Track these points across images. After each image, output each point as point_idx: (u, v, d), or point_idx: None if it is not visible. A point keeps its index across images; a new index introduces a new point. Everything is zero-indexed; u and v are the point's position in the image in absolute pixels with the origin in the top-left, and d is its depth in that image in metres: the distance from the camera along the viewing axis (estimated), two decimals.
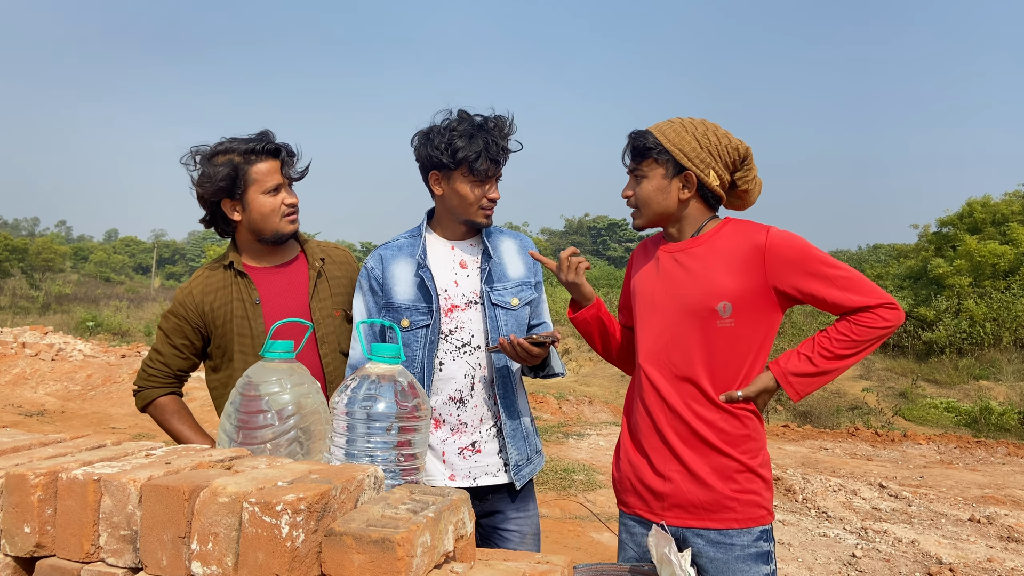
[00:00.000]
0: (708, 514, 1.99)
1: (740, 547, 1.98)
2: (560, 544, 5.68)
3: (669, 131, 2.05)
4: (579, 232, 72.65)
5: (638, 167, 2.09)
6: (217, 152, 2.32)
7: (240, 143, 2.31)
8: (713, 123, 2.07)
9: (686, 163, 2.03)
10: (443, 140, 2.21)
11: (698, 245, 2.08)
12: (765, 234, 2.01)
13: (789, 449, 10.60)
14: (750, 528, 1.99)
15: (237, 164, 2.29)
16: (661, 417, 2.07)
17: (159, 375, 2.42)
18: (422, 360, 2.27)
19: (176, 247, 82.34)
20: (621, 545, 2.19)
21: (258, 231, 2.36)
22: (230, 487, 1.11)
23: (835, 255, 28.58)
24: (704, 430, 2.00)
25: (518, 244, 2.45)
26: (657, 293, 2.11)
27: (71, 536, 1.20)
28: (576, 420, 12.31)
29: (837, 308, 1.98)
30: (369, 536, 1.04)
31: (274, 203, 2.33)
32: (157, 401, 2.42)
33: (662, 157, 2.04)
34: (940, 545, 5.95)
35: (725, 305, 1.98)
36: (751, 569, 1.97)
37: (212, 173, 2.29)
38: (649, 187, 2.07)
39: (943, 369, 21.95)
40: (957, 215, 28.53)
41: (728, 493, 1.98)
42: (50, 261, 44.36)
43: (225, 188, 2.29)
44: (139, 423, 10.53)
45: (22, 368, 14.37)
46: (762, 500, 2.01)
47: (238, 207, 2.34)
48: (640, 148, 2.07)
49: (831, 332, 2.00)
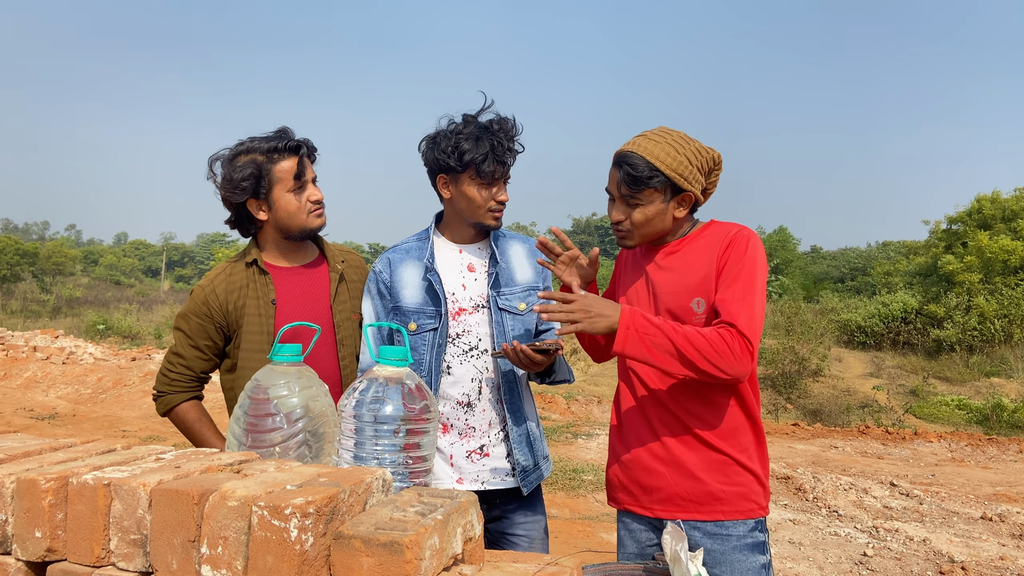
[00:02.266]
0: (697, 506, 2.01)
1: (736, 537, 1.99)
2: (570, 544, 5.68)
3: (662, 154, 1.98)
4: (586, 232, 72.65)
5: (633, 195, 2.02)
6: (239, 153, 2.31)
7: (261, 142, 2.31)
8: (686, 134, 2.06)
9: (685, 185, 2.00)
10: (449, 143, 2.22)
11: (681, 246, 2.10)
12: (739, 229, 2.04)
13: (799, 448, 10.57)
14: (745, 519, 2.00)
15: (260, 163, 2.28)
16: (649, 412, 2.08)
17: (181, 379, 2.38)
18: (429, 363, 2.27)
19: (185, 250, 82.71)
20: (620, 541, 2.20)
21: (285, 229, 2.35)
22: (239, 491, 1.11)
23: (844, 253, 28.60)
24: (692, 423, 2.02)
25: (526, 249, 2.45)
26: (641, 293, 2.14)
27: (82, 540, 1.21)
28: (585, 420, 12.31)
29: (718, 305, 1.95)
30: (378, 539, 1.04)
31: (301, 200, 2.33)
32: (179, 407, 2.38)
33: (660, 184, 2.00)
34: (952, 543, 5.92)
35: (699, 301, 2.00)
36: (747, 559, 1.98)
37: (235, 175, 2.27)
38: (649, 212, 2.03)
39: (954, 366, 21.83)
40: (966, 211, 28.39)
41: (716, 486, 1.99)
42: (60, 265, 44.63)
43: (249, 188, 2.28)
44: (149, 426, 10.59)
45: (33, 372, 14.46)
46: (751, 493, 2.01)
47: (264, 206, 2.33)
48: (635, 179, 1.99)
49: (702, 329, 1.91)
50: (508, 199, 2.31)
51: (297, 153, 2.32)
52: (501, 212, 2.31)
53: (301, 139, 2.36)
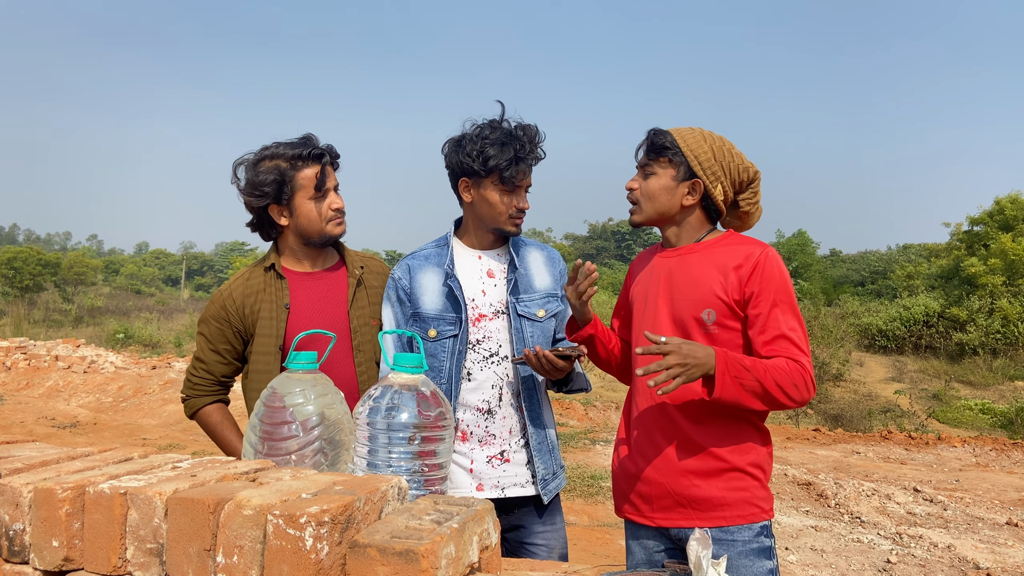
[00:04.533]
0: (699, 514, 1.99)
1: (742, 543, 1.97)
2: (588, 552, 5.64)
3: (688, 136, 2.08)
4: (603, 237, 72.48)
5: (650, 163, 2.10)
6: (263, 157, 2.32)
7: (286, 148, 2.32)
8: (730, 141, 2.11)
9: (698, 170, 2.06)
10: (475, 148, 2.22)
11: (695, 252, 2.09)
12: (762, 249, 2.02)
13: (820, 453, 10.46)
14: (750, 524, 1.98)
15: (284, 170, 2.29)
16: (652, 423, 2.07)
17: (204, 383, 2.42)
18: (449, 370, 2.26)
19: (204, 259, 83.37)
20: (628, 549, 2.18)
21: (305, 235, 2.37)
22: (254, 499, 1.11)
23: (864, 256, 28.45)
24: (694, 432, 2.00)
25: (545, 256, 2.45)
26: (650, 299, 2.13)
27: (99, 550, 1.21)
28: (603, 426, 12.25)
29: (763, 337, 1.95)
30: (393, 548, 1.03)
31: (322, 208, 2.34)
32: (203, 410, 2.42)
33: (676, 159, 2.07)
34: (977, 549, 5.83)
35: (709, 312, 1.99)
36: (754, 564, 1.96)
37: (259, 180, 2.29)
38: (656, 184, 2.09)
39: (977, 370, 21.57)
40: (988, 213, 28.06)
41: (719, 492, 1.98)
42: (82, 275, 45.08)
43: (272, 194, 2.30)
44: (169, 434, 10.65)
45: (55, 381, 14.59)
46: (753, 498, 2.00)
47: (285, 212, 2.35)
48: (657, 145, 2.08)
49: (777, 362, 1.92)
50: (529, 207, 2.31)
51: (320, 161, 2.33)
52: (521, 219, 2.32)
53: (325, 146, 2.37)
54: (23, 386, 14.46)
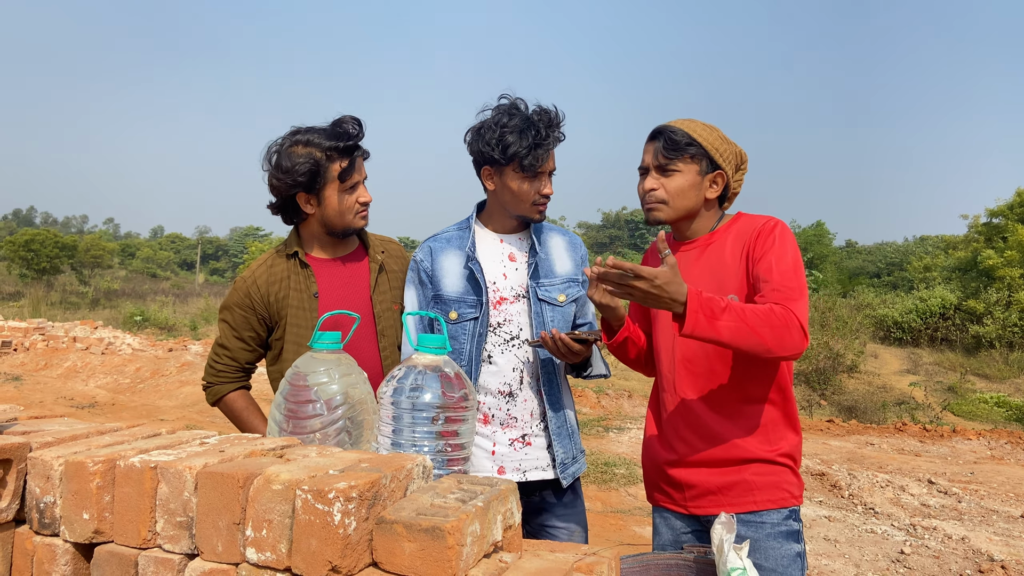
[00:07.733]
0: (731, 499, 2.01)
1: (771, 525, 1.99)
2: (602, 538, 5.66)
3: (700, 130, 2.07)
4: (616, 226, 72.28)
5: (671, 161, 2.06)
6: (297, 142, 2.28)
7: (321, 137, 2.27)
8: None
9: (720, 161, 2.06)
10: (494, 136, 2.21)
11: (712, 242, 2.10)
12: (768, 219, 2.03)
13: (834, 444, 10.43)
14: (779, 508, 2.00)
15: (318, 160, 2.26)
16: (679, 416, 2.08)
17: (227, 370, 2.42)
18: (470, 353, 2.27)
19: (219, 243, 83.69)
20: (655, 529, 2.21)
21: (330, 225, 2.36)
22: (283, 475, 1.12)
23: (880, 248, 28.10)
24: (721, 422, 2.01)
25: (567, 241, 2.45)
26: None
27: (128, 522, 1.23)
28: (616, 414, 12.26)
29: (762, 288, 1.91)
30: (419, 524, 1.04)
31: (350, 201, 2.33)
32: (227, 397, 2.43)
33: (698, 154, 2.05)
34: (991, 542, 5.81)
35: (732, 298, 1.97)
36: (782, 547, 1.98)
37: (292, 166, 2.25)
38: (683, 181, 2.06)
39: (993, 363, 21.39)
40: (1007, 205, 27.73)
41: (747, 478, 1.99)
42: (99, 258, 45.36)
43: (304, 183, 2.27)
44: (187, 415, 10.75)
45: (73, 362, 14.74)
46: (783, 483, 2.01)
47: (313, 200, 2.33)
48: (676, 143, 2.05)
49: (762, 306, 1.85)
50: (552, 192, 2.29)
51: (352, 154, 2.32)
52: (545, 205, 2.31)
53: (357, 135, 2.32)
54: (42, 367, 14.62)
